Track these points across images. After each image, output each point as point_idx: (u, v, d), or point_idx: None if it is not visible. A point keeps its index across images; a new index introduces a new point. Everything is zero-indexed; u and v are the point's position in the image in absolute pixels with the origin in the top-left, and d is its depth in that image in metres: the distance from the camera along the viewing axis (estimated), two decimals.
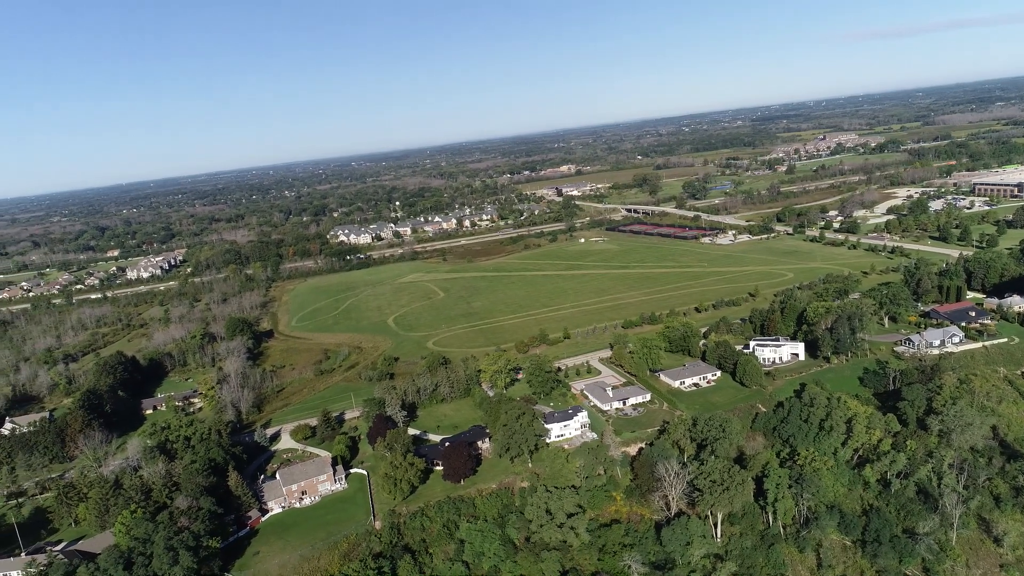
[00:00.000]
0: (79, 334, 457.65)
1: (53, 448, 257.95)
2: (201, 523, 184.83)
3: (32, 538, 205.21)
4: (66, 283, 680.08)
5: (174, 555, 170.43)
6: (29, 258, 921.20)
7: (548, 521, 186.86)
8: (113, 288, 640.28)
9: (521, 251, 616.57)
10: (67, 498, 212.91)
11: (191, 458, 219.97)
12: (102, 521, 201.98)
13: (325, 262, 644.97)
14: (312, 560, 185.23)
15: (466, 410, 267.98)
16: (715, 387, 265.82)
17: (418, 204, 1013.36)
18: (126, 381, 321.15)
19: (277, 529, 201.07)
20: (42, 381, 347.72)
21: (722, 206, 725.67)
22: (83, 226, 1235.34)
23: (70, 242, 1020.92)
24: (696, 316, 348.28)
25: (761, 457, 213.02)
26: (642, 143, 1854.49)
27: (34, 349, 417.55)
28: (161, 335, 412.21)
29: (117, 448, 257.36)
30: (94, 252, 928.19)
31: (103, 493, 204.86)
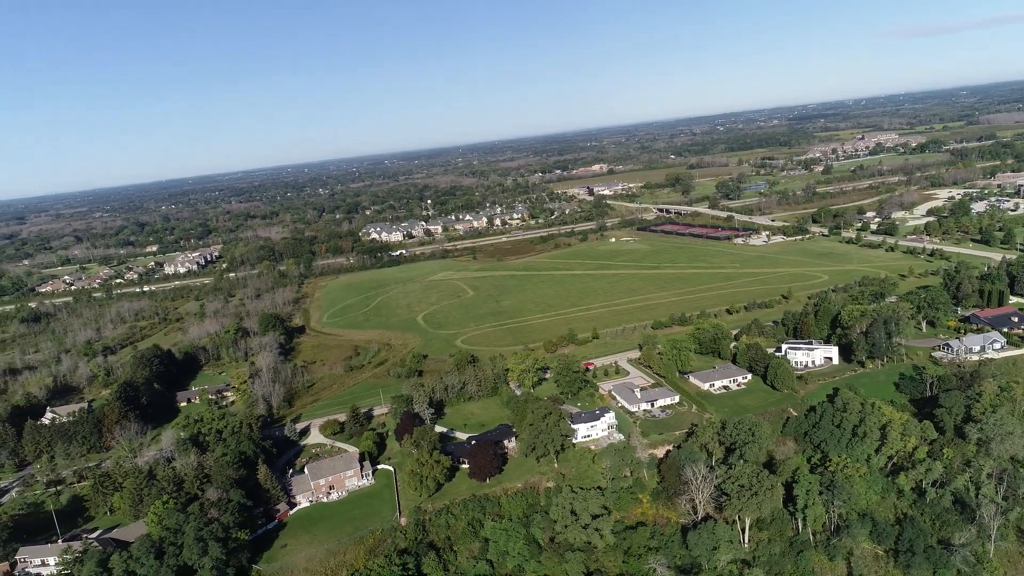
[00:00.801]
0: (118, 327, 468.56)
1: (91, 438, 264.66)
2: (230, 515, 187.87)
3: (69, 525, 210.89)
4: (106, 277, 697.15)
5: (203, 546, 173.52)
6: (72, 252, 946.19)
7: (573, 522, 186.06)
8: (151, 282, 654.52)
9: (551, 250, 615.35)
10: (103, 487, 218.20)
11: (222, 451, 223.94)
12: (136, 510, 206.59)
13: (357, 259, 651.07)
14: (338, 554, 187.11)
15: (493, 409, 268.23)
16: (745, 390, 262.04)
17: (449, 202, 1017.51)
18: (162, 374, 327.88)
19: (304, 523, 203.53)
20: (82, 372, 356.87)
21: (756, 206, 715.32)
22: (123, 222, 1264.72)
23: (111, 237, 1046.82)
24: (727, 318, 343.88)
25: (791, 462, 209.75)
26: (675, 142, 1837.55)
27: (75, 341, 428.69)
28: (196, 329, 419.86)
29: (152, 439, 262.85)
30: (134, 247, 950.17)
31: (137, 483, 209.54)
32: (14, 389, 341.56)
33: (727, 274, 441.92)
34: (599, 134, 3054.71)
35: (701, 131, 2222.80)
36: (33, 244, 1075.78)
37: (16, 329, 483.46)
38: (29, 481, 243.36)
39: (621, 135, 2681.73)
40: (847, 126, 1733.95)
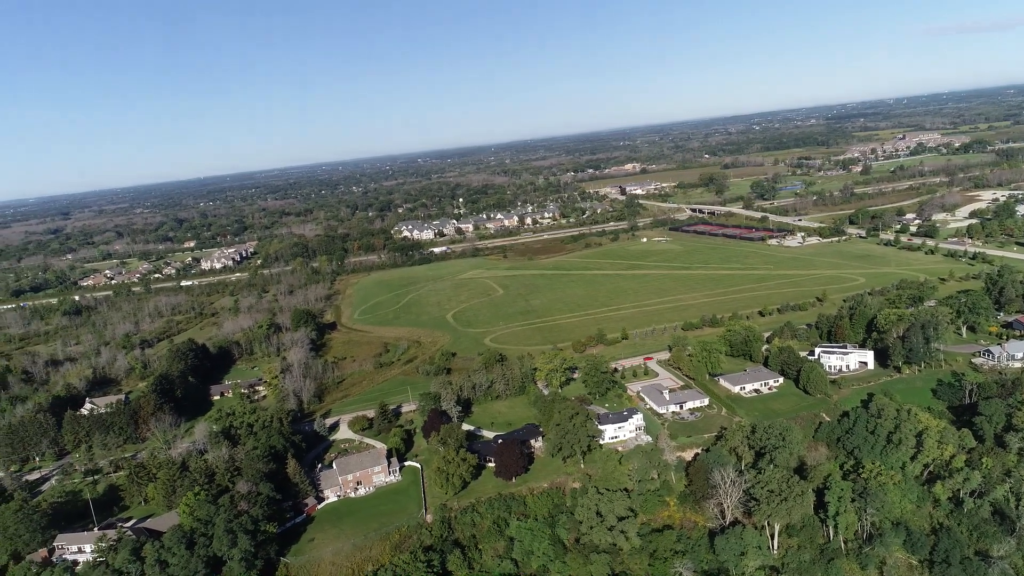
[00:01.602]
0: (155, 321, 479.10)
1: (127, 429, 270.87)
2: (260, 508, 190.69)
3: (105, 514, 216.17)
4: (145, 272, 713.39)
5: (233, 537, 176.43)
6: (113, 247, 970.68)
7: (598, 523, 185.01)
8: (188, 278, 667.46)
9: (582, 249, 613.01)
10: (138, 477, 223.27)
11: (253, 444, 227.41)
12: (169, 501, 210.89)
13: (388, 257, 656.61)
14: (364, 549, 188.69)
15: (520, 408, 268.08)
16: (777, 394, 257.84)
17: (481, 201, 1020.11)
18: (196, 367, 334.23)
19: (332, 517, 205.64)
20: (120, 365, 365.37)
21: (791, 207, 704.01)
22: (163, 218, 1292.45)
23: (150, 233, 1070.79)
24: (759, 320, 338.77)
25: (823, 468, 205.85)
26: (710, 142, 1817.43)
27: (114, 334, 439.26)
28: (230, 324, 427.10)
29: (185, 432, 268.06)
30: (172, 243, 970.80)
31: (170, 474, 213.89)
32: (55, 380, 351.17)
33: (760, 276, 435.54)
34: (632, 133, 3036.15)
35: (736, 130, 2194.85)
36: (76, 239, 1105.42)
37: (59, 321, 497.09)
38: (68, 470, 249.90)
39: (655, 134, 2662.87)
40: (887, 125, 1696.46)
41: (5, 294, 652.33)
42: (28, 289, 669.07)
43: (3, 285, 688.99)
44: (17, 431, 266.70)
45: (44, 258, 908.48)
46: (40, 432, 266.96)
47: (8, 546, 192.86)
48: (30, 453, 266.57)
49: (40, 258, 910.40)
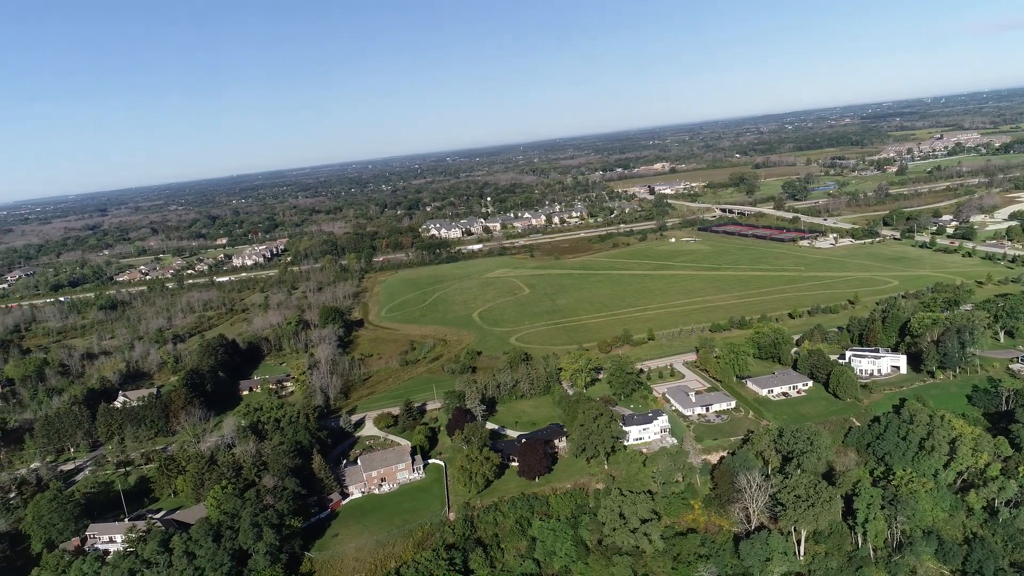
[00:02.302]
0: (187, 316, 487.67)
1: (158, 422, 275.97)
2: (285, 502, 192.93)
3: (136, 505, 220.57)
4: (179, 268, 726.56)
5: (258, 531, 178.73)
6: (148, 243, 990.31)
7: (621, 525, 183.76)
8: (220, 274, 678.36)
9: (609, 249, 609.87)
10: (168, 470, 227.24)
11: (279, 439, 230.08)
12: (197, 494, 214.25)
13: (416, 255, 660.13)
14: (387, 546, 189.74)
15: (545, 408, 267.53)
16: (805, 398, 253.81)
17: (509, 200, 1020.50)
18: (226, 362, 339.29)
19: (356, 513, 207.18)
20: (153, 359, 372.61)
21: (824, 207, 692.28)
22: (196, 215, 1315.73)
23: (184, 229, 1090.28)
24: (789, 322, 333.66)
25: (852, 474, 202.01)
26: (741, 141, 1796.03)
27: (147, 329, 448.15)
28: (260, 320, 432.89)
29: (214, 426, 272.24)
30: (205, 239, 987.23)
31: (199, 467, 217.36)
32: (90, 373, 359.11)
33: (790, 277, 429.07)
34: (662, 132, 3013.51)
35: (768, 130, 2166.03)
36: (113, 235, 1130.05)
37: (95, 316, 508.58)
38: (101, 461, 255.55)
39: (685, 133, 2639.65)
40: (924, 125, 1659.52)
41: (45, 288, 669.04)
42: (66, 284, 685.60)
43: (43, 279, 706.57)
44: (53, 422, 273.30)
45: (82, 253, 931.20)
46: (75, 424, 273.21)
47: (42, 534, 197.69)
48: (65, 444, 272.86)
49: (78, 253, 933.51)
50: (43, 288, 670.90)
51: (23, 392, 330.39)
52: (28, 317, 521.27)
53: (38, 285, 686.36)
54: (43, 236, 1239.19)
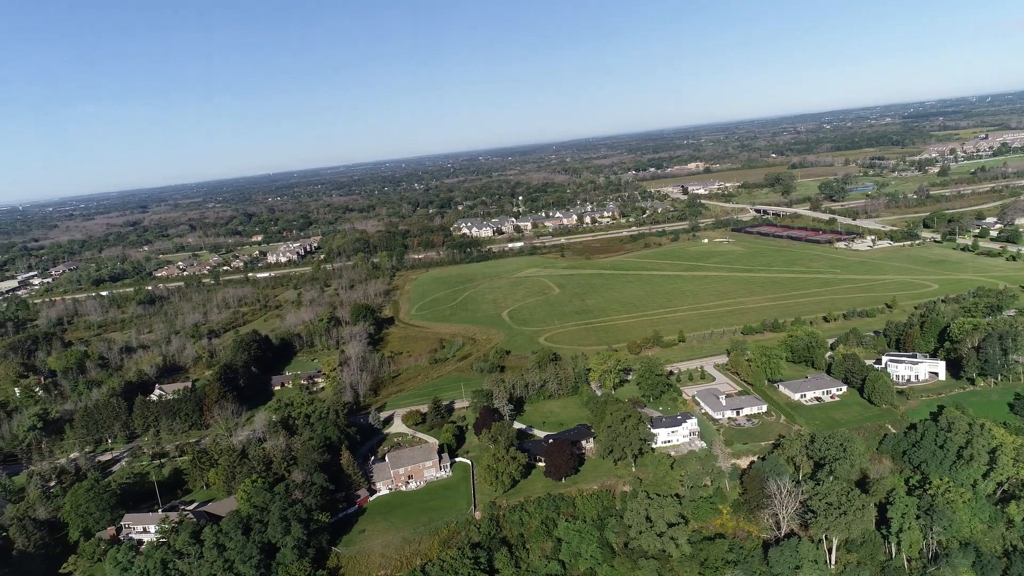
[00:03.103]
0: (222, 312, 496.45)
1: (192, 415, 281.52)
2: (313, 497, 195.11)
3: (169, 496, 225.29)
4: (215, 264, 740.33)
5: (287, 525, 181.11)
6: (186, 240, 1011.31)
7: (648, 528, 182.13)
8: (254, 271, 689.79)
9: (641, 249, 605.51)
10: (200, 463, 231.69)
11: (309, 435, 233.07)
12: (228, 486, 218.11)
13: (447, 254, 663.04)
14: (413, 543, 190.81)
15: (572, 408, 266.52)
16: (839, 403, 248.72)
17: (540, 199, 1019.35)
18: (259, 358, 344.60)
19: (383, 510, 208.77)
20: (188, 353, 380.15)
21: (862, 209, 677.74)
22: (233, 212, 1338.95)
23: (221, 227, 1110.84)
24: (823, 326, 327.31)
25: (886, 482, 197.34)
26: (777, 140, 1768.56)
27: (184, 323, 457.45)
28: (293, 317, 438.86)
29: (247, 420, 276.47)
30: (241, 236, 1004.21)
31: (231, 461, 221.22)
32: (128, 366, 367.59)
33: (826, 280, 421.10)
34: (696, 131, 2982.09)
35: (806, 129, 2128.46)
36: (153, 232, 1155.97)
37: (134, 310, 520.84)
38: (137, 453, 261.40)
39: (720, 132, 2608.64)
40: (969, 124, 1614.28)
41: (87, 283, 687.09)
42: (107, 279, 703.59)
43: (85, 274, 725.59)
44: (92, 414, 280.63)
45: (123, 249, 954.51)
46: (113, 415, 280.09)
47: (80, 523, 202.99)
48: (104, 435, 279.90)
49: (119, 249, 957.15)
50: (85, 283, 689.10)
51: (64, 383, 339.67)
52: (71, 311, 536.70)
53: (81, 280, 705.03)
54: (86, 232, 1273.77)
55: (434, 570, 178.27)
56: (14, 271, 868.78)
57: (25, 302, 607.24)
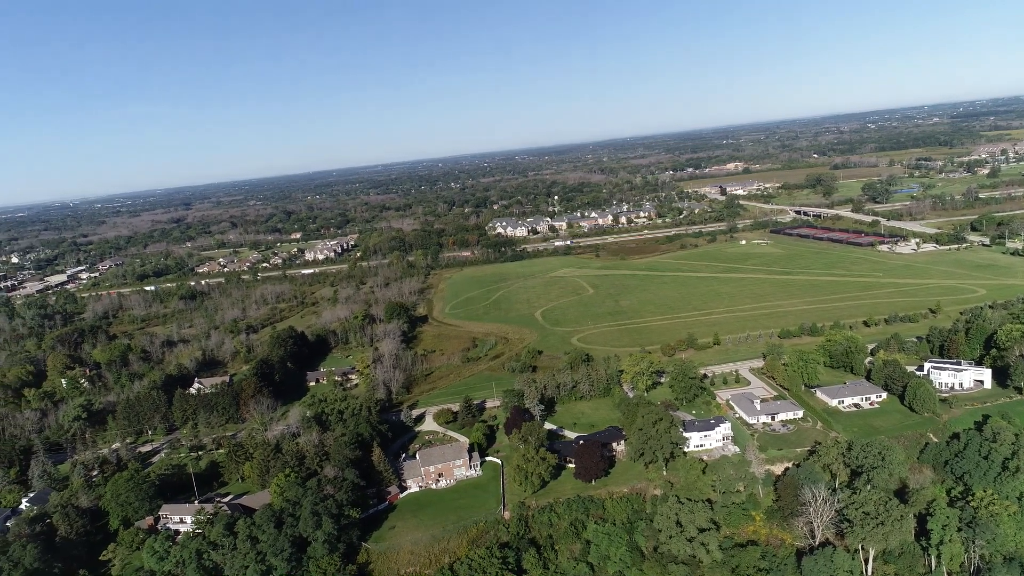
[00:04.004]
0: (260, 308, 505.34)
1: (229, 409, 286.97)
2: (344, 493, 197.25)
3: (206, 488, 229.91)
4: (255, 261, 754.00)
5: (318, 520, 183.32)
6: (227, 237, 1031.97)
7: (678, 533, 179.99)
8: (292, 268, 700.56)
9: (677, 250, 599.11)
10: (236, 456, 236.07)
11: (342, 431, 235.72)
12: (263, 480, 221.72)
13: (481, 253, 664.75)
14: (442, 541, 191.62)
15: (604, 410, 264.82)
16: (879, 410, 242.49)
17: (576, 199, 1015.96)
18: (295, 354, 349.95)
19: (413, 507, 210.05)
20: (227, 348, 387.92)
21: (906, 211, 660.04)
22: (273, 210, 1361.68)
23: (261, 224, 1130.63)
24: (864, 331, 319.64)
25: (927, 493, 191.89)
26: (820, 140, 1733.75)
27: (223, 319, 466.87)
28: (329, 314, 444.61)
29: (281, 415, 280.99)
30: (280, 234, 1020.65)
31: (265, 455, 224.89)
32: (169, 359, 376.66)
33: (867, 283, 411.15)
34: (736, 131, 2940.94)
35: (849, 129, 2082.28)
36: (195, 228, 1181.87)
37: (176, 305, 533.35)
38: (175, 445, 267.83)
39: (760, 132, 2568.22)
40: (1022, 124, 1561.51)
41: (132, 278, 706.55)
42: (151, 274, 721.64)
43: (130, 269, 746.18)
44: (134, 406, 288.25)
45: (167, 245, 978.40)
46: (153, 408, 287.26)
47: (120, 512, 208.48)
48: (144, 427, 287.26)
49: (163, 245, 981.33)
50: (130, 278, 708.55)
51: (108, 376, 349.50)
52: (116, 305, 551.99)
53: (126, 275, 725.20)
54: (132, 228, 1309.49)
55: (462, 569, 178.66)
56: (64, 265, 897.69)
57: (73, 296, 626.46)
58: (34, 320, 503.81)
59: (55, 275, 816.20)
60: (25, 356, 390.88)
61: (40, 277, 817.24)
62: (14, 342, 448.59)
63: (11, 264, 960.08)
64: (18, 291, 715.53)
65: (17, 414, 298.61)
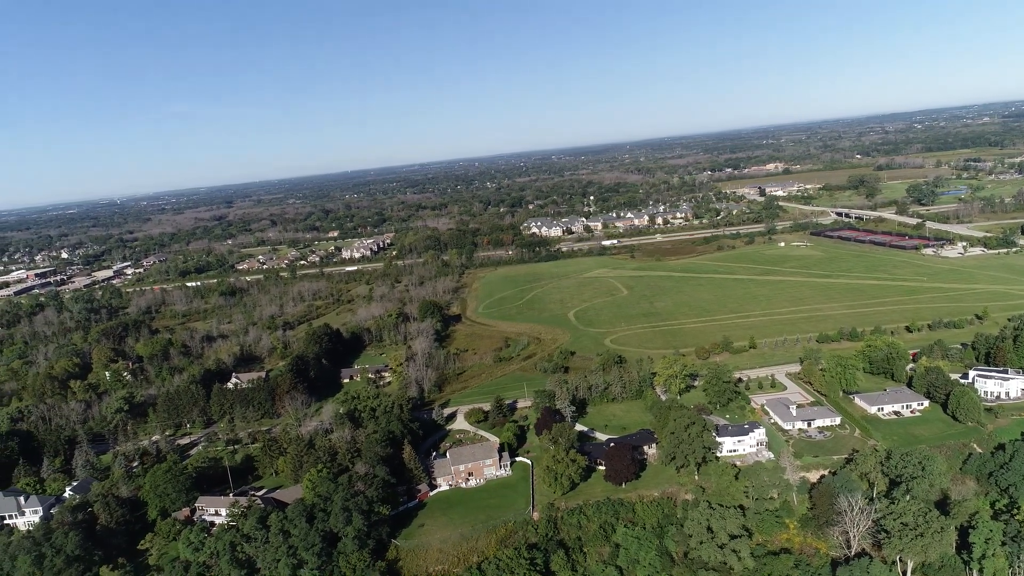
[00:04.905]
0: (297, 305, 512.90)
1: (265, 404, 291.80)
2: (375, 490, 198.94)
3: (240, 481, 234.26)
4: (293, 259, 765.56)
5: (348, 515, 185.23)
6: (267, 234, 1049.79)
7: (709, 539, 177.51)
8: (329, 266, 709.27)
9: (713, 252, 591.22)
10: (270, 450, 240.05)
11: (374, 428, 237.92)
12: (296, 475, 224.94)
13: (516, 252, 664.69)
14: (471, 540, 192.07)
15: (636, 412, 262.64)
16: (920, 418, 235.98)
17: (612, 199, 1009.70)
18: (330, 351, 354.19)
19: (442, 505, 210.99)
20: (264, 344, 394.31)
21: (953, 213, 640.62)
22: (312, 208, 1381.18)
23: (300, 222, 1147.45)
24: (906, 336, 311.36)
25: (969, 505, 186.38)
26: (863, 141, 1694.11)
27: (261, 315, 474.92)
28: (363, 311, 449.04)
29: (315, 411, 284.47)
30: (318, 232, 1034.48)
31: (299, 450, 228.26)
32: (208, 354, 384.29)
33: (910, 288, 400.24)
34: (776, 131, 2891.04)
35: (895, 129, 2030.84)
36: (236, 226, 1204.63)
37: (216, 301, 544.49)
38: (212, 438, 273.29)
39: (801, 132, 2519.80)
40: None
41: (174, 274, 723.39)
42: (193, 270, 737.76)
43: (173, 266, 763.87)
44: (174, 399, 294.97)
45: (208, 242, 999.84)
46: (192, 401, 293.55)
47: (157, 503, 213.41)
48: (183, 420, 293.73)
49: (205, 242, 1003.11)
50: (173, 274, 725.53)
51: (150, 369, 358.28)
52: (159, 300, 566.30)
53: (169, 271, 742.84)
54: (176, 225, 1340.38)
55: (490, 568, 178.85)
56: (110, 261, 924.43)
57: (119, 291, 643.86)
58: (81, 314, 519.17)
59: (102, 270, 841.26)
60: (72, 349, 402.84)
61: (88, 272, 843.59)
62: (62, 335, 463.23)
63: (61, 259, 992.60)
64: (67, 285, 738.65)
65: (63, 405, 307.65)
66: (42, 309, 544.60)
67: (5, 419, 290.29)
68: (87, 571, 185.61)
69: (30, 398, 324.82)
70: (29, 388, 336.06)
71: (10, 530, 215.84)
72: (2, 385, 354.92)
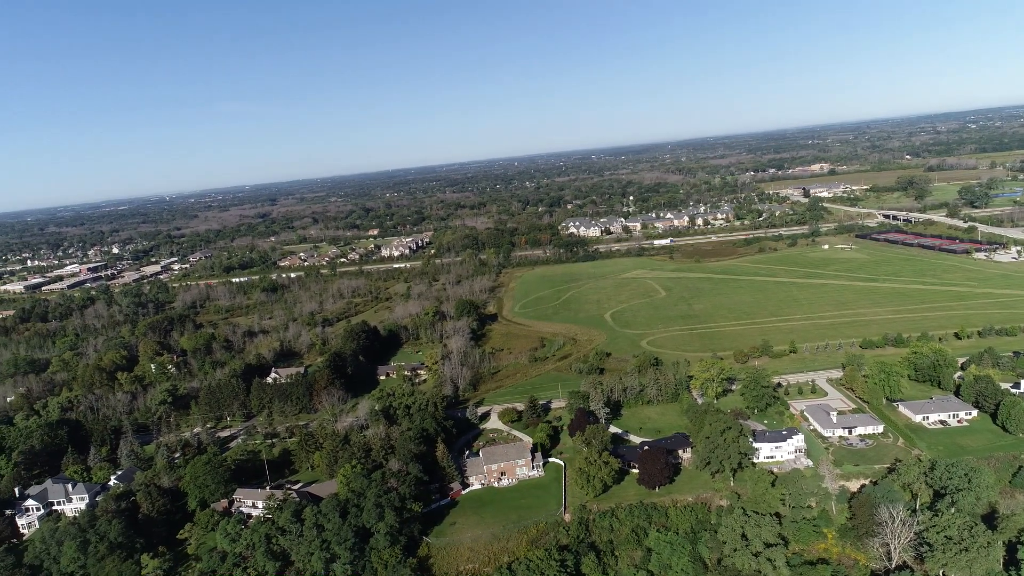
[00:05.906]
0: (337, 302, 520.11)
1: (303, 399, 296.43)
2: (407, 487, 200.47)
3: (277, 475, 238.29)
4: (333, 256, 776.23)
5: (380, 511, 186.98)
6: (308, 232, 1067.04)
7: (743, 547, 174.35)
8: (368, 263, 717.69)
9: (755, 254, 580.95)
10: (307, 445, 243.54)
11: (408, 425, 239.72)
12: (331, 470, 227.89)
13: (553, 252, 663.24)
14: (502, 540, 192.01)
15: (671, 415, 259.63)
16: (967, 428, 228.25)
17: (651, 199, 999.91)
18: (367, 348, 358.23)
19: (474, 504, 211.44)
20: (303, 340, 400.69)
21: (1007, 216, 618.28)
22: (353, 206, 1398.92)
23: (341, 220, 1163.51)
24: (954, 343, 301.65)
25: (1019, 519, 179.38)
26: (913, 141, 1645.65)
27: (301, 311, 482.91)
28: (401, 309, 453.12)
29: (351, 407, 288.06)
30: (358, 230, 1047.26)
31: (334, 446, 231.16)
32: (249, 349, 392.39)
33: (959, 293, 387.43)
34: (823, 131, 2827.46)
35: (947, 129, 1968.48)
36: (279, 223, 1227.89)
37: (258, 297, 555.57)
38: (251, 432, 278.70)
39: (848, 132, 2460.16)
40: None
41: (219, 270, 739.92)
42: (237, 266, 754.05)
43: (218, 262, 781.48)
44: (215, 392, 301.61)
45: (252, 239, 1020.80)
46: (233, 395, 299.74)
47: (197, 493, 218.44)
48: (224, 413, 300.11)
49: (249, 239, 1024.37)
50: (217, 269, 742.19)
51: (193, 363, 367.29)
52: (203, 295, 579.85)
53: (213, 267, 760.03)
54: (221, 222, 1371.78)
55: (520, 569, 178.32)
56: (158, 257, 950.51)
57: (165, 286, 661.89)
58: (129, 308, 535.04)
59: (150, 265, 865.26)
60: (120, 341, 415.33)
61: (137, 267, 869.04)
62: (111, 328, 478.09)
63: (112, 254, 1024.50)
64: (117, 280, 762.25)
65: (110, 396, 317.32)
66: (93, 302, 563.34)
67: (56, 408, 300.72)
68: (129, 558, 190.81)
69: (80, 388, 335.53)
70: (79, 379, 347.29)
71: (58, 516, 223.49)
72: (54, 375, 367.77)
